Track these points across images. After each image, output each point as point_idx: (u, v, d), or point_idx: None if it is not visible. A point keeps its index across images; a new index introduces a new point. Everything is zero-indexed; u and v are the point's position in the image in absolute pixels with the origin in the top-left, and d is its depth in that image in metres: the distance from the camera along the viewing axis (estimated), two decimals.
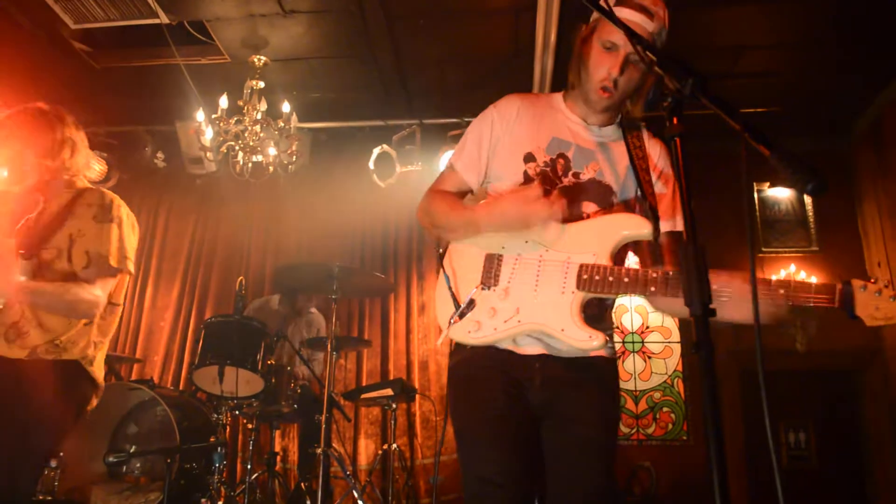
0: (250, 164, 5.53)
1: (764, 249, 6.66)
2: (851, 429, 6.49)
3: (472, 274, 2.04)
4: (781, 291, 1.73)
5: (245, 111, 5.38)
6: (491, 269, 2.02)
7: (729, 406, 6.28)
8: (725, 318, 1.79)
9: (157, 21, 5.11)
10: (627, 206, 2.08)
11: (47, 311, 2.41)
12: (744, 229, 6.20)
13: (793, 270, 6.41)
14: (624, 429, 6.52)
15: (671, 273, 1.84)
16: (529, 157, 2.09)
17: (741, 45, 5.47)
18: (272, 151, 5.51)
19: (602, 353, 2.03)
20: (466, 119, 6.24)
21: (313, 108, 6.43)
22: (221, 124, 5.30)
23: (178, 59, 5.40)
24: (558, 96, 2.20)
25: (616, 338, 6.76)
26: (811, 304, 1.73)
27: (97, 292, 2.46)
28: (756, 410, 6.03)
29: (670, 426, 6.50)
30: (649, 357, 6.71)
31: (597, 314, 2.02)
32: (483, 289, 2.00)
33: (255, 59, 5.56)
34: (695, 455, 6.26)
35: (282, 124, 5.45)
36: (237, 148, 5.43)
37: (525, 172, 2.08)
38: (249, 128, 5.36)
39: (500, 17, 5.14)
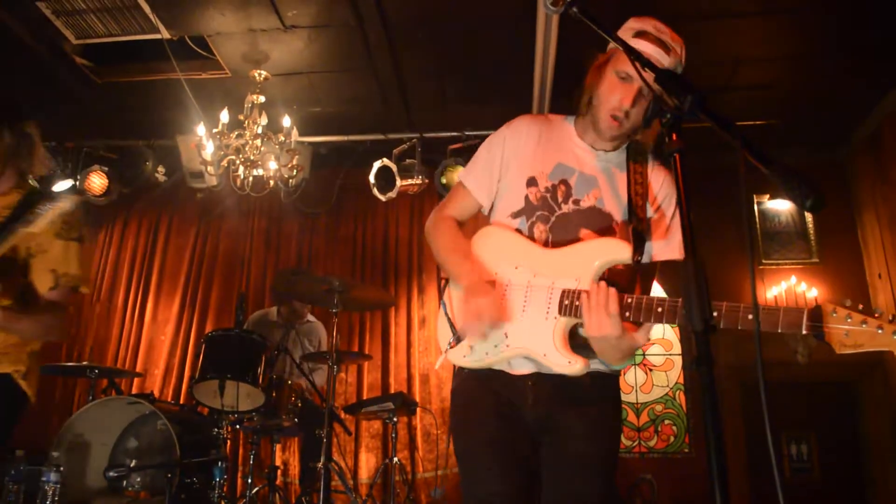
0: (251, 178, 5.54)
1: (764, 261, 6.66)
2: (853, 440, 6.47)
3: None
4: (749, 317, 1.68)
5: (246, 125, 5.39)
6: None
7: (731, 418, 6.27)
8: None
9: (158, 36, 5.14)
10: (623, 233, 2.09)
11: (20, 336, 2.38)
12: (744, 242, 6.21)
13: (793, 282, 6.41)
14: (626, 441, 6.50)
15: (644, 298, 1.84)
16: (532, 182, 2.14)
17: (739, 58, 5.49)
18: (273, 165, 5.52)
19: (600, 367, 2.06)
20: (467, 132, 6.25)
21: (313, 122, 6.45)
22: (222, 138, 5.31)
23: (179, 73, 5.42)
24: (569, 121, 2.24)
25: None
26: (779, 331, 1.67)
27: (62, 313, 2.44)
28: (758, 423, 6.02)
29: (672, 439, 6.48)
30: (650, 369, 6.71)
31: (579, 343, 2.02)
32: None
33: (256, 74, 5.59)
34: (697, 468, 6.24)
35: (282, 138, 5.47)
36: (238, 162, 5.44)
37: (526, 197, 2.13)
38: (250, 142, 5.38)
39: (499, 31, 5.17)
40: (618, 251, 1.95)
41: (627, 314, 1.82)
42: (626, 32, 2.08)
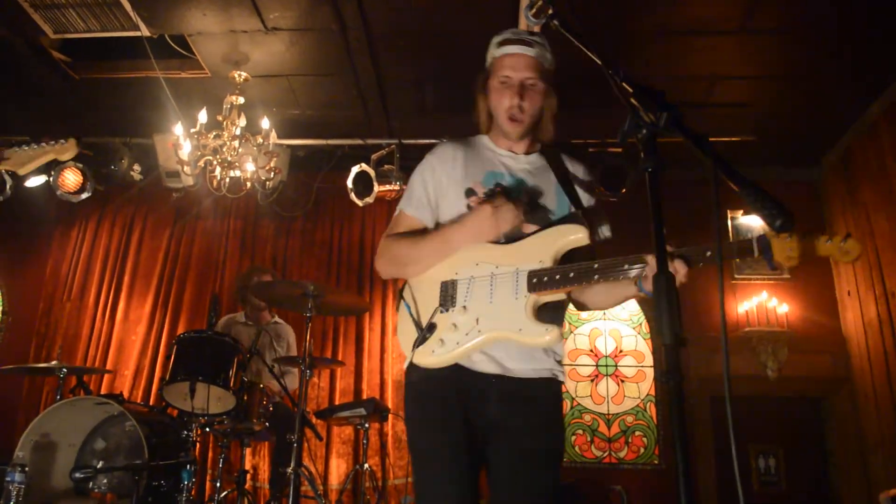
0: (228, 180, 5.51)
1: (736, 276, 6.73)
2: (820, 454, 6.55)
3: (430, 300, 2.20)
4: (708, 254, 1.93)
5: (224, 126, 5.36)
6: (447, 293, 2.17)
7: (701, 431, 6.33)
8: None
9: (138, 34, 5.10)
10: (565, 221, 2.22)
11: None
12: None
13: (764, 298, 6.49)
14: (596, 452, 6.53)
15: (608, 260, 2.02)
16: (470, 192, 2.25)
17: (716, 75, 5.56)
18: (250, 167, 5.49)
19: (552, 375, 2.19)
20: (445, 140, 6.25)
21: (292, 125, 6.43)
22: (200, 139, 5.28)
23: (158, 72, 5.38)
24: (485, 136, 2.42)
25: (589, 361, 6.81)
26: (736, 259, 1.98)
27: None
28: (727, 436, 6.08)
29: (642, 450, 6.52)
30: (622, 381, 6.75)
31: (548, 320, 2.12)
32: (442, 311, 2.15)
33: (236, 75, 5.57)
34: (666, 479, 6.29)
35: (260, 140, 5.44)
36: (215, 163, 5.40)
37: (468, 205, 2.23)
38: (228, 143, 5.35)
39: (480, 40, 5.16)
40: (576, 232, 2.11)
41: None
42: (493, 48, 2.35)
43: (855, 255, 1.85)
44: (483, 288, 2.12)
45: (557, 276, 2.04)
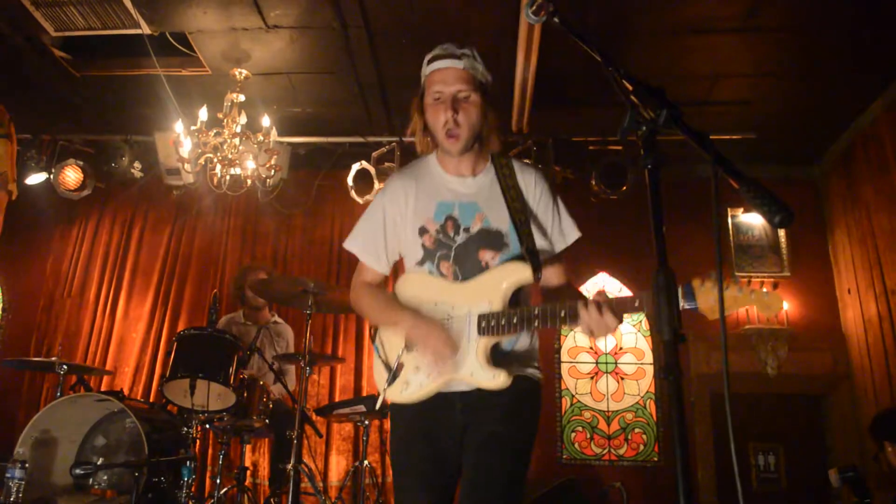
0: (228, 177, 5.51)
1: (737, 274, 6.73)
2: (820, 451, 6.55)
3: (397, 342, 2.29)
4: (637, 304, 1.96)
5: (224, 124, 5.37)
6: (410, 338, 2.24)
7: (701, 428, 6.34)
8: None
9: (138, 31, 5.10)
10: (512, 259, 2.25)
11: None
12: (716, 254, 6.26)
13: None
14: (596, 449, 6.54)
15: (548, 307, 2.06)
16: (423, 230, 2.30)
17: (717, 73, 5.56)
18: (250, 165, 5.50)
19: (516, 373, 2.19)
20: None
21: (293, 123, 6.44)
22: (200, 136, 5.29)
23: (159, 69, 5.38)
24: (433, 158, 2.42)
25: (589, 358, 6.82)
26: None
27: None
28: (728, 433, 6.08)
29: (642, 447, 6.53)
30: (622, 378, 6.75)
31: (523, 351, 2.27)
32: (408, 352, 2.24)
33: (237, 73, 5.57)
34: (666, 476, 6.30)
35: (261, 138, 5.45)
36: (215, 160, 5.41)
37: (423, 245, 2.29)
38: (228, 140, 5.35)
39: (481, 39, 5.19)
40: (519, 273, 2.15)
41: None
42: (424, 67, 2.31)
43: (777, 310, 1.85)
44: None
45: (503, 322, 2.10)
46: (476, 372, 2.12)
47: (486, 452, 2.13)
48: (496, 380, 2.09)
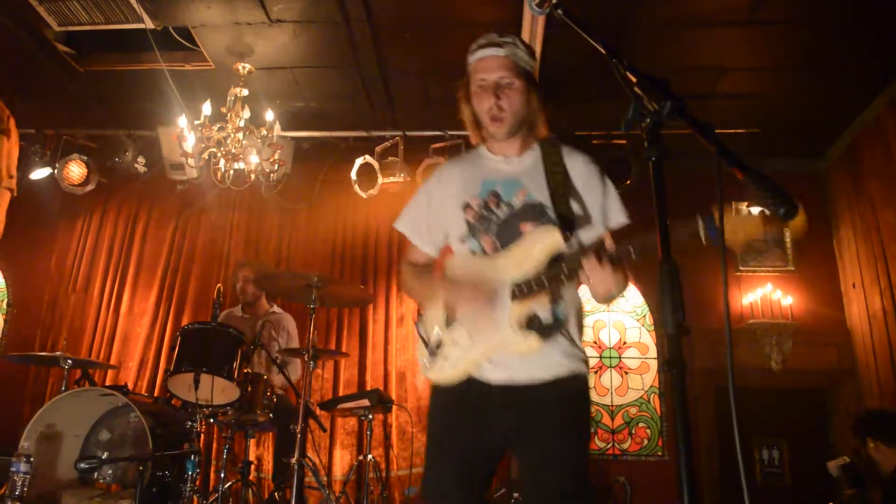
0: (232, 172, 5.51)
1: (741, 268, 6.72)
2: (824, 446, 6.54)
3: (437, 322, 2.33)
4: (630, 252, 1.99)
5: (228, 118, 5.36)
6: (449, 312, 2.30)
7: (705, 422, 6.33)
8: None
9: (142, 26, 5.10)
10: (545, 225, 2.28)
11: None
12: (720, 248, 6.25)
13: (769, 290, 6.48)
14: (599, 443, 6.54)
15: (568, 264, 2.08)
16: (466, 206, 2.34)
17: (722, 67, 5.54)
18: (254, 159, 5.49)
19: (561, 372, 2.20)
20: (449, 132, 6.27)
21: (296, 117, 6.43)
22: (204, 131, 5.28)
23: (163, 64, 5.38)
24: (482, 146, 2.48)
25: (593, 353, 6.81)
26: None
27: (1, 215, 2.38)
28: (731, 427, 6.08)
29: (646, 442, 6.53)
30: (626, 373, 6.75)
31: (563, 321, 2.25)
32: (446, 329, 2.29)
33: (240, 67, 5.56)
34: (670, 470, 6.28)
35: (264, 132, 5.44)
36: (219, 155, 5.40)
37: (466, 220, 2.33)
38: (232, 135, 5.35)
39: (486, 30, 5.16)
40: (549, 236, 2.18)
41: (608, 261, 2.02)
42: (469, 57, 2.40)
43: (801, 225, 1.73)
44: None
45: (533, 285, 2.13)
46: (509, 337, 2.15)
47: (549, 477, 2.14)
48: (527, 342, 2.12)
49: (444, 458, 2.24)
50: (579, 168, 2.35)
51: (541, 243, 2.18)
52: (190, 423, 4.32)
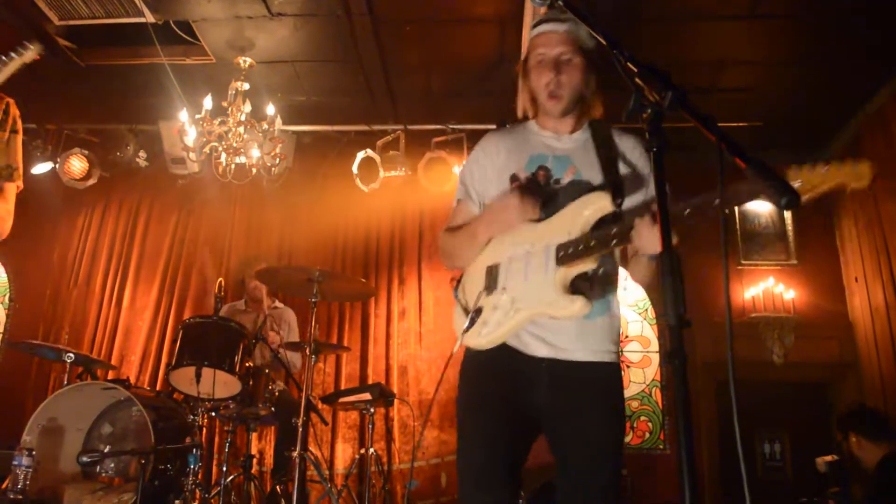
0: (233, 166, 5.51)
1: (743, 262, 6.72)
2: (826, 441, 6.54)
3: (478, 286, 2.27)
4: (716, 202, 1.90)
5: (229, 112, 5.36)
6: (491, 277, 2.24)
7: (707, 415, 6.33)
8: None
9: (142, 20, 5.09)
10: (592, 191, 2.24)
11: None
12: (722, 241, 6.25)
13: (771, 283, 6.47)
14: None
15: (619, 226, 2.00)
16: (514, 178, 2.29)
17: (723, 60, 5.53)
18: (255, 153, 5.49)
19: (605, 359, 2.20)
20: (451, 126, 6.26)
21: (298, 111, 6.42)
22: (205, 125, 5.28)
23: (163, 58, 5.38)
24: (531, 121, 2.44)
25: None
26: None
27: (10, 207, 2.39)
28: (733, 421, 6.07)
29: (647, 435, 6.53)
30: (628, 366, 6.75)
31: (595, 295, 2.18)
32: (487, 294, 2.22)
33: (241, 61, 5.55)
34: (671, 464, 6.30)
35: (266, 126, 5.43)
36: (220, 149, 5.40)
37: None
38: (233, 129, 5.34)
39: (486, 25, 5.17)
40: (598, 200, 2.11)
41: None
42: (530, 31, 2.35)
43: (867, 180, 1.67)
44: (519, 267, 2.18)
45: (581, 247, 2.07)
46: (553, 300, 2.08)
47: (589, 464, 2.11)
48: (573, 304, 2.05)
49: (483, 427, 2.16)
50: (631, 150, 2.32)
51: (591, 207, 2.11)
52: (192, 416, 4.33)
